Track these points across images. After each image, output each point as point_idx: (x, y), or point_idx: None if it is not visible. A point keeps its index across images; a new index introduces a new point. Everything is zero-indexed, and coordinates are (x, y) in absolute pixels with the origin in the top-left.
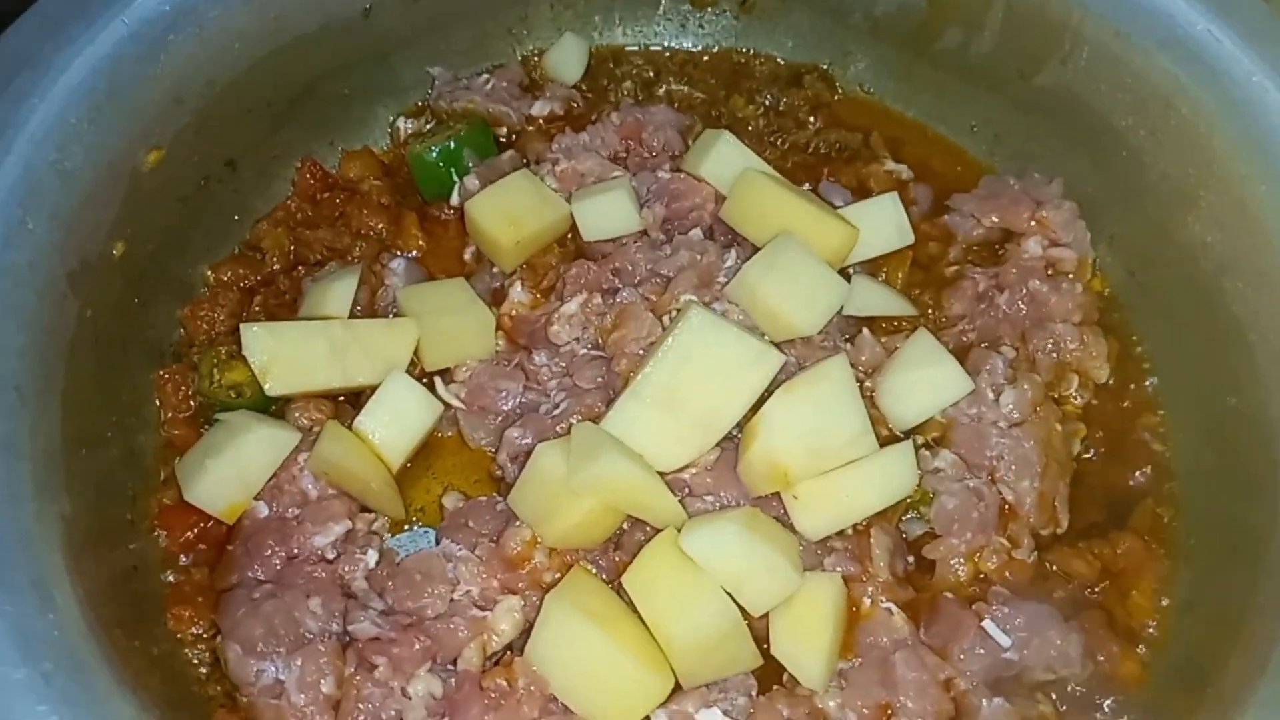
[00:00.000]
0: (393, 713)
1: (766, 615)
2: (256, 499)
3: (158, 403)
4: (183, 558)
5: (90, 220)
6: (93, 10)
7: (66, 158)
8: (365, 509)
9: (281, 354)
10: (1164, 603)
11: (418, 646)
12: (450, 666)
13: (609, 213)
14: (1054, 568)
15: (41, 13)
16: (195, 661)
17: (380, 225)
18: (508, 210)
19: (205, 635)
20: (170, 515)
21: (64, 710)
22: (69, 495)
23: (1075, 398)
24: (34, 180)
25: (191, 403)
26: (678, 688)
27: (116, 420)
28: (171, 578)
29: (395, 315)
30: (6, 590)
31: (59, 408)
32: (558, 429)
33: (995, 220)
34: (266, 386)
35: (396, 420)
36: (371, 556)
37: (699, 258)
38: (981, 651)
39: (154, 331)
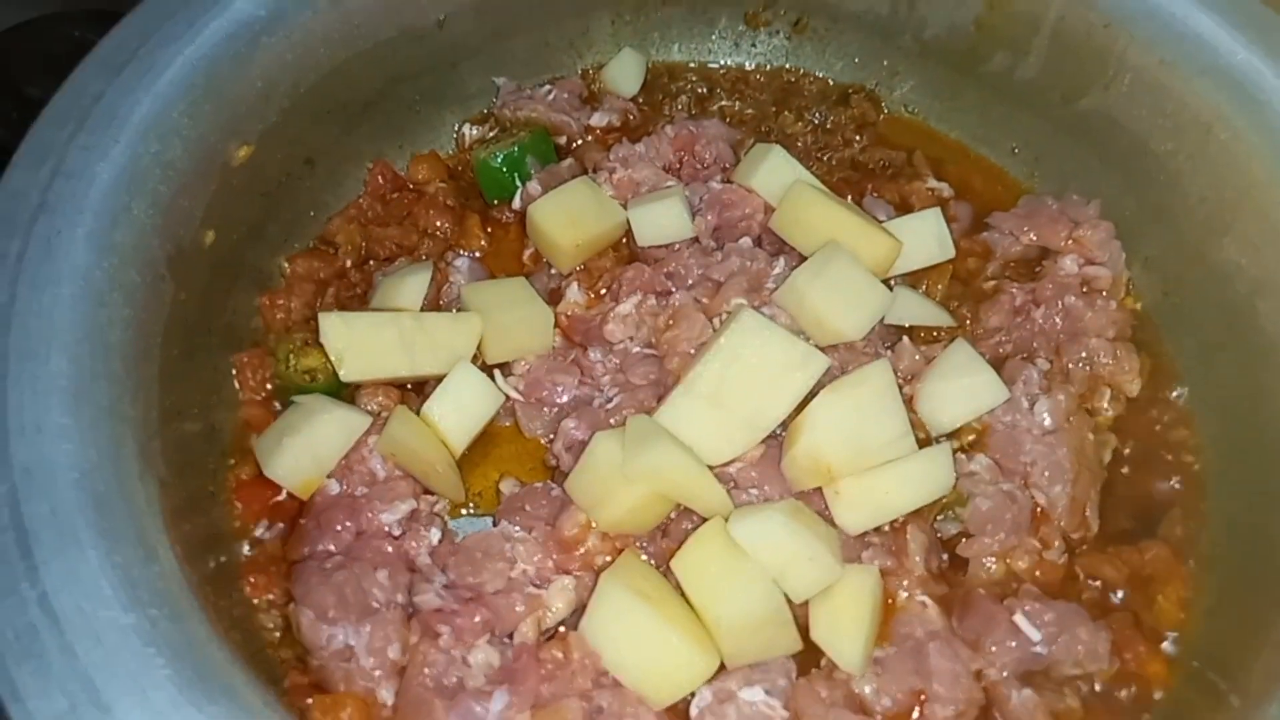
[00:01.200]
0: (455, 679)
1: (806, 603)
2: (329, 477)
3: (236, 384)
4: (258, 530)
5: (185, 209)
6: (193, 11)
7: (167, 149)
8: (428, 491)
9: (356, 342)
10: (1189, 608)
11: (478, 618)
12: (506, 640)
13: (663, 220)
14: (1083, 571)
15: (145, 12)
16: (269, 626)
17: (445, 225)
18: (568, 214)
19: (278, 602)
20: (247, 490)
21: (168, 653)
22: (164, 462)
23: (1107, 410)
24: (138, 169)
25: (267, 386)
26: (722, 667)
27: (200, 398)
28: (247, 548)
29: (459, 310)
30: (116, 541)
31: (156, 381)
32: (611, 421)
33: (1033, 238)
34: (341, 372)
35: (461, 408)
36: (434, 534)
37: (749, 264)
38: (1012, 644)
39: (235, 317)
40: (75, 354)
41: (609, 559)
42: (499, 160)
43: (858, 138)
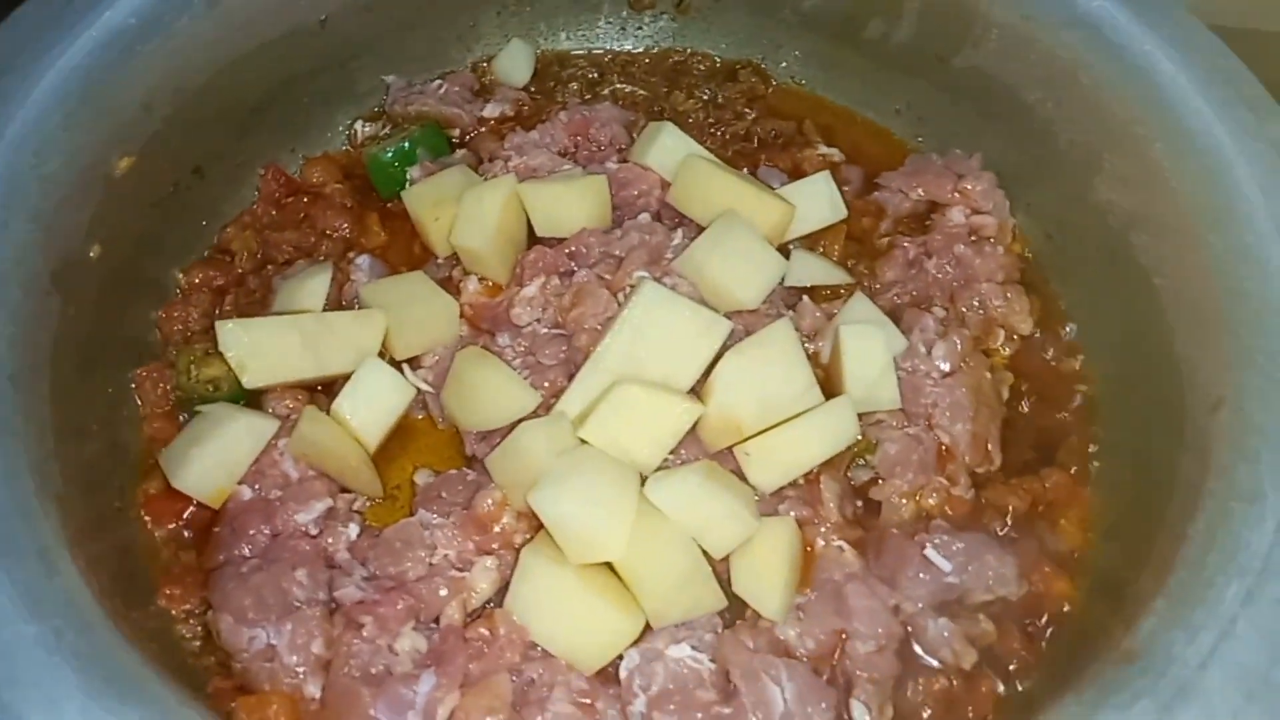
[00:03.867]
0: (381, 667)
1: (727, 560)
2: (240, 483)
3: (138, 399)
4: (170, 543)
5: (68, 222)
6: (67, 20)
7: (44, 162)
8: (345, 489)
9: (257, 348)
10: (1090, 529)
11: (401, 605)
12: (433, 625)
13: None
14: (989, 503)
15: (18, 22)
16: (188, 636)
17: (344, 225)
18: (438, 198)
19: (196, 612)
20: (156, 504)
21: (74, 662)
22: (64, 479)
23: (1003, 349)
24: (14, 182)
25: (170, 398)
26: (648, 628)
27: (101, 415)
28: (160, 560)
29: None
30: (13, 557)
31: (48, 398)
32: None
33: (921, 194)
34: (244, 380)
35: (371, 403)
36: (353, 530)
37: (648, 238)
38: (925, 577)
39: (131, 331)
40: None
41: (528, 536)
42: (389, 155)
43: (748, 111)
